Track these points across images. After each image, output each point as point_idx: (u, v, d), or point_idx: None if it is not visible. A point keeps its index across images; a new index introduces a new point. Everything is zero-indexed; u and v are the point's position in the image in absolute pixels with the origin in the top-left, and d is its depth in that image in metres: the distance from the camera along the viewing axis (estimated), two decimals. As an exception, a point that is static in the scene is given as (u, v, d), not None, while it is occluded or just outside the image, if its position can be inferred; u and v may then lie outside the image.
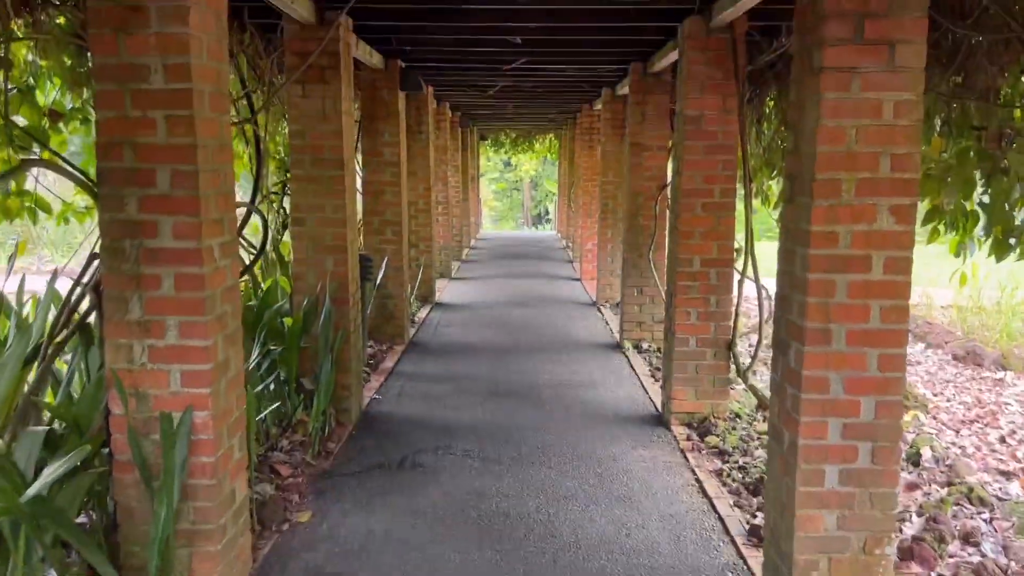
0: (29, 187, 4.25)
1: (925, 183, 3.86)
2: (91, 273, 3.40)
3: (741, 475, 4.55)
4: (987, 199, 3.80)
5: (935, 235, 4.03)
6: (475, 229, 21.62)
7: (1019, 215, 3.70)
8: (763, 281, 5.52)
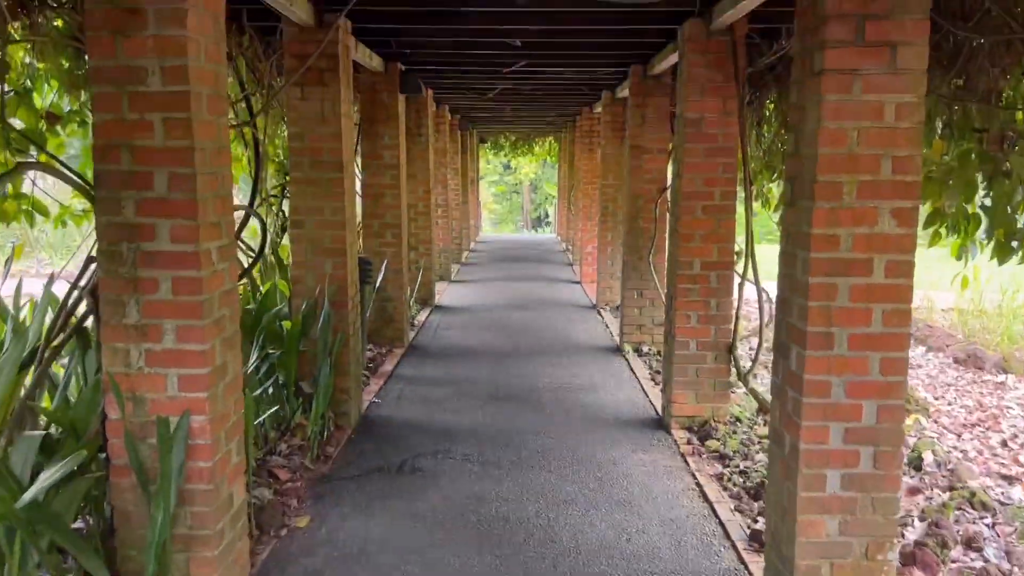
0: (26, 190, 4.24)
1: (927, 186, 3.85)
2: (88, 277, 3.38)
3: (742, 479, 4.53)
4: (989, 202, 3.79)
5: (937, 238, 4.02)
6: (475, 232, 21.62)
7: (1021, 218, 3.69)
8: (764, 284, 5.51)
